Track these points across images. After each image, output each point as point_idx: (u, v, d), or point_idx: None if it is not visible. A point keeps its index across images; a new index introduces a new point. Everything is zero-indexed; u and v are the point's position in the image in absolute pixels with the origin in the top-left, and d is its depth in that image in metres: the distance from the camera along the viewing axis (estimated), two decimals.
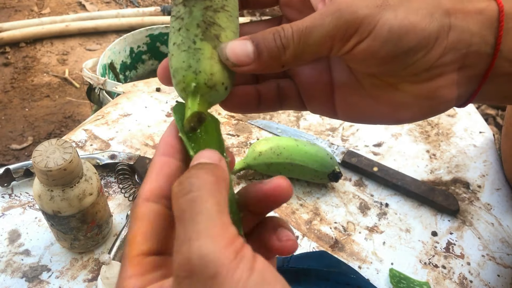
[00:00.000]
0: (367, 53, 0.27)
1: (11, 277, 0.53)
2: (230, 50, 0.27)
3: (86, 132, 0.70)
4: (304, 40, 0.27)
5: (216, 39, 0.27)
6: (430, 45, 0.27)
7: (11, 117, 1.64)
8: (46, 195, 0.48)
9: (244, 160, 0.65)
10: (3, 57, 1.87)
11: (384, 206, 0.64)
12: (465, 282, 0.56)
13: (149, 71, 1.55)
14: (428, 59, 0.27)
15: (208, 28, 0.27)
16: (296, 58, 0.27)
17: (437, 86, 0.29)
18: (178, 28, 0.28)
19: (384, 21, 0.26)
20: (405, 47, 0.27)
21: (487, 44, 0.28)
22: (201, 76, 0.26)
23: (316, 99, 0.33)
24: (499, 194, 0.67)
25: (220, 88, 0.27)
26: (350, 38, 0.27)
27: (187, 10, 0.28)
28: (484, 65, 0.29)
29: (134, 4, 2.26)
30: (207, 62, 0.27)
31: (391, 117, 0.31)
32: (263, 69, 0.28)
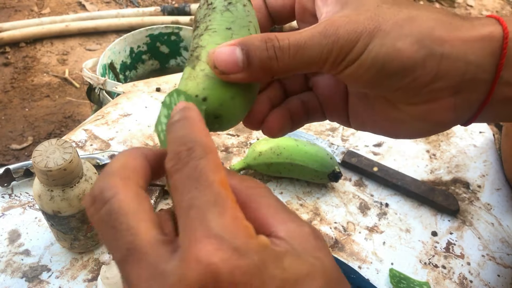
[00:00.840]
0: (353, 77, 0.28)
1: (11, 277, 0.53)
2: (217, 57, 0.27)
3: (86, 132, 0.70)
4: (299, 55, 0.27)
5: (196, 60, 0.28)
6: (418, 72, 0.27)
7: (11, 117, 1.64)
8: (46, 195, 0.48)
9: (244, 160, 0.65)
10: (3, 57, 1.87)
11: (384, 206, 0.64)
12: (465, 282, 0.56)
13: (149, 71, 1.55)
14: (416, 85, 0.28)
15: (192, 54, 0.28)
16: (287, 70, 0.28)
17: (432, 109, 0.29)
18: None
19: (370, 49, 0.27)
20: (388, 73, 0.27)
21: (486, 71, 0.28)
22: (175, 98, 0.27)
23: (335, 109, 0.34)
24: (499, 194, 0.67)
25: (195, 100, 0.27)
26: (340, 63, 0.28)
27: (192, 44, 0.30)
28: (482, 90, 0.29)
29: (134, 4, 2.26)
30: (183, 83, 0.28)
31: (390, 131, 0.32)
32: (252, 79, 0.28)
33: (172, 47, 1.52)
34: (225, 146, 0.70)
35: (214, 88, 0.27)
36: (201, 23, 0.29)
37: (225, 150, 0.69)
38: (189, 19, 2.02)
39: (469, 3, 2.40)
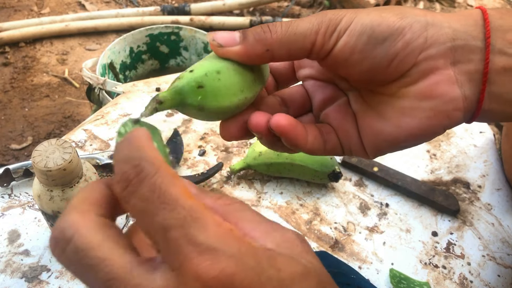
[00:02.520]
0: (347, 50, 0.29)
1: (11, 277, 0.53)
2: (217, 34, 0.29)
3: (86, 132, 0.70)
4: (291, 30, 0.29)
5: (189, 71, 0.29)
6: (408, 36, 0.28)
7: (11, 117, 1.64)
8: (46, 195, 0.47)
9: (244, 160, 0.64)
10: (2, 57, 1.87)
11: (384, 206, 0.64)
12: (466, 282, 0.56)
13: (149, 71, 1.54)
14: (410, 51, 0.28)
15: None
16: (281, 44, 0.29)
17: (434, 83, 0.29)
18: None
19: (358, 19, 0.29)
20: (379, 37, 0.28)
21: (476, 38, 0.29)
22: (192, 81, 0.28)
23: (349, 137, 0.34)
24: (499, 194, 0.67)
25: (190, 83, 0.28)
26: (331, 35, 0.29)
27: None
28: (478, 59, 0.29)
29: (134, 3, 2.25)
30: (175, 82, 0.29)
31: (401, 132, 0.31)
32: (249, 52, 0.29)
33: (172, 47, 1.52)
34: (225, 146, 0.70)
35: (202, 64, 0.29)
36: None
37: (225, 150, 0.69)
38: (189, 18, 2.01)
39: (469, 3, 2.40)
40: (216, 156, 0.68)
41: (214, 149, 0.69)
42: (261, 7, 2.27)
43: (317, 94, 0.36)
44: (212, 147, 0.70)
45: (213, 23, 2.04)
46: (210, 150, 0.69)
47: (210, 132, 0.72)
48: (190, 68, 0.29)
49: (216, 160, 0.68)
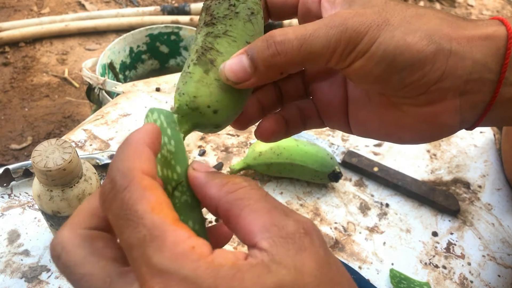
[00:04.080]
0: (362, 72, 0.28)
1: (11, 277, 0.53)
2: (228, 69, 0.27)
3: (86, 132, 0.70)
4: (305, 48, 0.27)
5: (209, 64, 0.28)
6: (427, 68, 0.27)
7: (11, 117, 1.64)
8: (46, 195, 0.47)
9: (244, 160, 0.64)
10: (2, 57, 1.87)
11: (384, 206, 0.64)
12: (466, 282, 0.56)
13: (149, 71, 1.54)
14: (425, 82, 0.27)
15: (204, 53, 0.28)
16: (293, 64, 0.28)
17: (438, 111, 0.29)
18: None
19: (380, 41, 0.27)
20: (399, 67, 0.27)
21: (491, 71, 0.28)
22: (183, 98, 0.27)
23: (333, 115, 0.34)
24: (499, 194, 0.67)
25: (206, 110, 0.27)
26: (348, 55, 0.27)
27: (195, 37, 0.29)
28: (487, 91, 0.28)
29: (134, 3, 2.25)
30: (193, 85, 0.27)
31: (394, 136, 0.32)
32: (263, 80, 0.28)
33: (172, 47, 1.52)
34: (225, 146, 0.70)
35: (226, 102, 0.28)
36: (219, 23, 0.29)
37: (225, 150, 0.69)
38: (189, 18, 2.01)
39: (470, 2, 2.40)
40: (216, 156, 0.68)
41: (214, 149, 0.69)
42: None
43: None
44: (212, 147, 0.69)
45: None
46: (210, 150, 0.69)
47: None
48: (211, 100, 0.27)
49: (216, 160, 0.68)
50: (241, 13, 0.29)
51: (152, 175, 0.22)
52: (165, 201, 0.21)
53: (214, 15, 0.29)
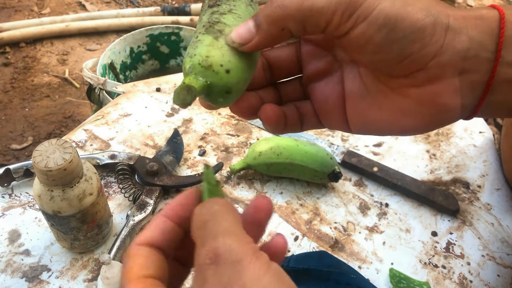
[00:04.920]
0: (363, 38, 0.28)
1: (11, 277, 0.53)
2: (234, 32, 0.28)
3: (86, 132, 0.70)
4: (306, 5, 0.27)
5: (218, 32, 0.29)
6: (427, 39, 0.27)
7: (11, 117, 1.64)
8: (46, 195, 0.48)
9: (244, 160, 0.65)
10: (3, 57, 1.87)
11: (384, 206, 0.64)
12: (465, 282, 0.56)
13: (149, 71, 1.55)
14: (424, 53, 0.28)
15: (212, 25, 0.29)
16: (296, 21, 0.28)
17: (438, 91, 0.29)
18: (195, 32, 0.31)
19: (381, 8, 0.27)
20: (399, 34, 0.27)
21: (487, 50, 0.28)
22: (196, 58, 0.28)
23: (331, 113, 0.34)
24: (499, 194, 0.67)
25: (219, 69, 0.28)
26: (349, 18, 0.27)
27: (199, 19, 0.31)
28: (485, 71, 0.28)
29: (134, 4, 2.26)
30: (204, 48, 0.28)
31: (395, 126, 0.31)
32: (267, 39, 0.29)
33: (172, 47, 1.52)
34: (225, 146, 0.70)
35: (237, 62, 0.28)
36: (224, 4, 0.31)
37: (225, 150, 0.69)
38: (189, 19, 2.02)
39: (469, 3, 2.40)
40: (216, 156, 0.68)
41: (214, 149, 0.69)
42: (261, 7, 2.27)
43: (311, 63, 0.34)
44: (212, 147, 0.70)
45: None
46: (210, 150, 0.69)
47: (210, 132, 0.72)
48: (223, 60, 0.28)
49: (216, 160, 0.68)
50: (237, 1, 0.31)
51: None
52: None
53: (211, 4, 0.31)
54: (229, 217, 0.24)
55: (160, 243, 0.26)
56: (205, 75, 0.28)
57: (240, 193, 0.64)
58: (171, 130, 0.71)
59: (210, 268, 0.22)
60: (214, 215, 0.24)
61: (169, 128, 0.72)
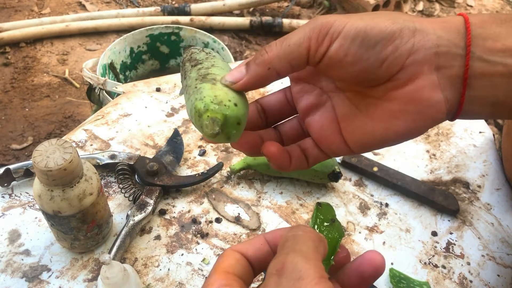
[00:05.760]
0: (341, 52, 0.31)
1: (11, 277, 0.53)
2: (228, 74, 0.33)
3: (86, 132, 0.70)
4: (285, 43, 0.31)
5: (213, 80, 0.33)
6: (398, 41, 0.30)
7: (11, 117, 1.64)
8: (46, 195, 0.48)
9: (244, 160, 0.65)
10: (3, 57, 1.87)
11: (384, 206, 0.64)
12: (465, 282, 0.56)
13: (149, 71, 1.55)
14: (399, 54, 0.31)
15: (205, 77, 0.34)
16: (280, 58, 0.32)
17: (420, 87, 0.31)
18: (186, 90, 0.35)
19: (351, 23, 0.31)
20: (372, 41, 0.30)
21: (457, 46, 0.31)
22: (206, 98, 0.32)
23: (329, 140, 0.36)
24: (499, 194, 0.67)
25: (228, 103, 0.32)
26: (324, 39, 0.31)
27: (185, 77, 0.36)
28: (459, 65, 0.31)
29: (134, 4, 2.26)
30: (208, 91, 0.32)
31: (390, 132, 0.33)
32: (256, 77, 0.33)
33: (172, 47, 1.52)
34: (225, 146, 0.70)
35: (238, 97, 0.33)
36: (205, 61, 0.36)
37: (225, 150, 0.69)
38: (189, 19, 2.02)
39: (469, 3, 2.40)
40: (216, 156, 0.68)
41: (214, 149, 0.69)
42: (261, 8, 2.27)
43: (302, 100, 0.37)
44: (212, 147, 0.70)
45: (213, 24, 2.04)
46: (210, 150, 0.69)
47: None
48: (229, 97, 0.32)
49: (216, 160, 0.68)
50: (216, 55, 0.37)
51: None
52: None
53: (198, 59, 0.36)
54: (309, 242, 0.27)
55: (252, 258, 0.30)
56: (220, 109, 0.31)
57: (240, 193, 0.64)
58: (171, 130, 0.71)
59: (273, 278, 0.25)
60: (295, 237, 0.27)
61: (169, 128, 0.72)
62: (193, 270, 0.55)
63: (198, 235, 0.58)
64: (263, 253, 0.30)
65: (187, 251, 0.57)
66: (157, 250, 0.56)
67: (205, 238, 0.58)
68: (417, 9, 2.33)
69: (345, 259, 0.33)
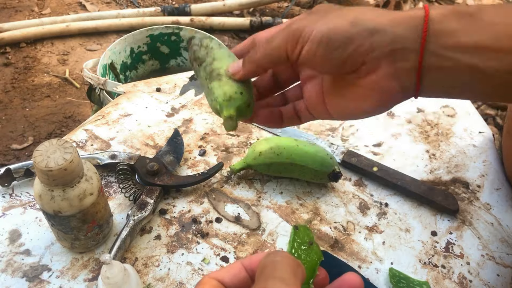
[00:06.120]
0: (310, 54, 0.37)
1: (12, 276, 0.53)
2: (230, 67, 0.42)
3: (87, 132, 0.70)
4: (268, 45, 0.39)
5: (218, 76, 0.42)
6: (356, 43, 0.36)
7: (12, 117, 1.64)
8: (47, 195, 0.48)
9: (244, 160, 0.65)
10: (3, 57, 1.87)
11: (383, 206, 0.64)
12: (465, 281, 0.56)
13: (150, 71, 1.55)
14: (359, 53, 0.36)
15: (211, 74, 0.43)
16: (266, 58, 0.40)
17: (378, 78, 0.37)
18: (202, 89, 0.47)
19: (317, 30, 0.36)
20: (335, 45, 0.36)
21: (412, 42, 0.35)
22: (219, 98, 0.41)
23: (317, 106, 0.44)
24: (498, 194, 0.67)
25: (236, 95, 0.41)
26: (296, 43, 0.37)
27: (197, 75, 0.46)
28: (413, 59, 0.36)
29: (135, 4, 2.26)
30: (218, 89, 0.42)
31: (359, 109, 0.40)
32: (249, 72, 0.41)
33: (172, 47, 1.52)
34: (225, 146, 0.70)
35: (242, 86, 0.41)
36: (207, 58, 0.44)
37: (225, 150, 0.70)
38: (189, 19, 2.02)
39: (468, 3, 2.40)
40: (216, 156, 0.68)
41: (214, 149, 0.69)
42: (261, 8, 2.27)
43: (303, 70, 0.46)
44: (212, 147, 0.70)
45: (213, 24, 2.04)
46: (210, 150, 0.69)
47: (210, 132, 0.72)
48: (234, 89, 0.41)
49: (216, 160, 0.68)
50: (214, 47, 0.45)
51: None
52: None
53: (200, 58, 0.44)
54: (287, 268, 0.28)
55: (229, 284, 0.31)
56: (231, 103, 0.41)
57: (240, 193, 0.64)
58: (171, 130, 0.71)
59: None
60: (273, 263, 0.28)
61: (169, 128, 0.72)
62: (193, 270, 0.55)
63: (198, 235, 0.58)
64: (240, 279, 0.31)
65: (187, 251, 0.57)
66: (158, 250, 0.56)
67: (205, 238, 0.58)
68: None
69: (324, 281, 0.34)
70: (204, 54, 0.45)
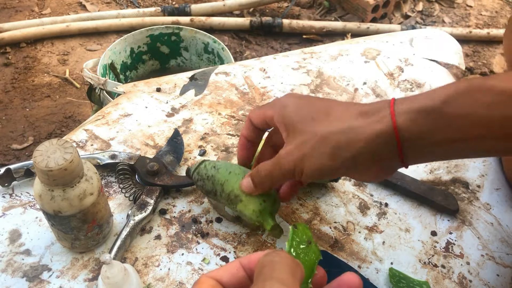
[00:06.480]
0: (307, 179, 0.46)
1: (12, 276, 0.53)
2: (243, 188, 0.50)
3: (87, 132, 0.70)
4: (270, 177, 0.48)
5: (236, 198, 0.51)
6: (341, 171, 0.46)
7: (12, 117, 1.64)
8: (47, 195, 0.48)
9: None
10: (4, 57, 1.87)
11: (383, 206, 0.64)
12: (465, 281, 0.56)
13: (150, 71, 1.55)
14: (349, 174, 0.48)
15: (229, 199, 0.52)
16: (271, 183, 0.49)
17: (372, 173, 0.45)
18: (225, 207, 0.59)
19: (307, 169, 0.45)
20: (324, 175, 0.46)
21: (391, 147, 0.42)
22: (253, 218, 0.50)
23: None
24: (498, 194, 0.67)
25: (263, 206, 0.50)
26: (293, 177, 0.46)
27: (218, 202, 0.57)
28: (396, 160, 0.43)
29: (135, 4, 2.26)
30: (247, 211, 0.51)
31: (359, 179, 0.56)
32: (259, 189, 0.49)
33: (172, 47, 1.52)
34: (225, 146, 0.70)
35: (263, 197, 0.50)
36: (215, 186, 0.53)
37: (225, 150, 0.70)
38: (189, 19, 2.02)
39: (469, 3, 2.40)
40: (216, 156, 0.69)
41: (214, 149, 0.70)
42: (261, 8, 2.27)
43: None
44: (212, 147, 0.70)
45: (213, 24, 2.04)
46: (210, 150, 0.69)
47: (210, 132, 0.72)
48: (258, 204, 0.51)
49: (216, 160, 0.68)
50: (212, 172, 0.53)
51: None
52: None
53: (211, 191, 0.54)
54: (286, 268, 0.28)
55: (227, 284, 0.31)
56: (264, 215, 0.50)
57: None
58: (172, 130, 0.71)
59: None
60: (271, 263, 0.28)
61: (169, 128, 0.72)
62: (193, 270, 0.55)
63: (199, 235, 0.58)
64: (238, 279, 0.31)
65: (188, 251, 0.57)
66: (158, 250, 0.56)
67: (205, 238, 0.58)
68: (417, 10, 2.33)
69: (322, 280, 0.35)
70: (210, 185, 0.53)
